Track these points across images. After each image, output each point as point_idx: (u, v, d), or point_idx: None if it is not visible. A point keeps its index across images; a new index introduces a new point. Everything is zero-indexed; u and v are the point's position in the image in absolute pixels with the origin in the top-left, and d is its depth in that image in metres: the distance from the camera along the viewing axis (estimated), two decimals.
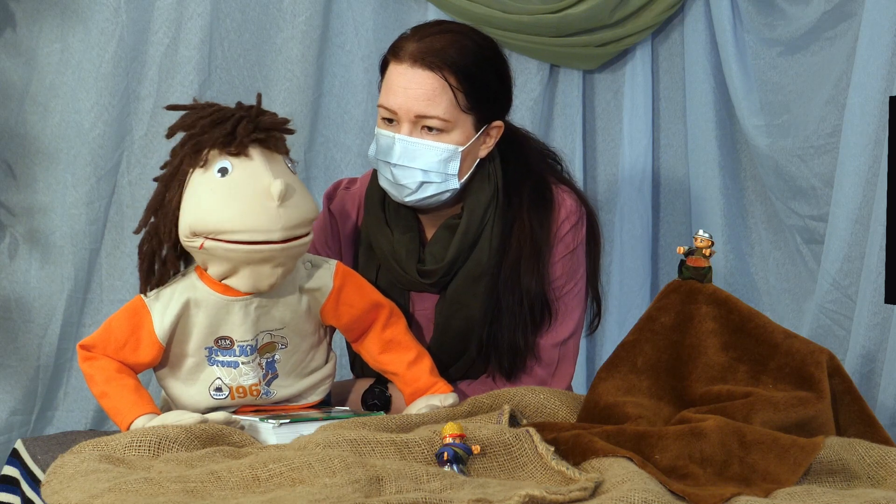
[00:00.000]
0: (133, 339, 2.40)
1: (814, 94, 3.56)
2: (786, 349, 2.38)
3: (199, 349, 2.42)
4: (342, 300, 2.50)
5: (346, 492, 1.96)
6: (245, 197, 2.32)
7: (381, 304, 2.55)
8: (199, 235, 2.34)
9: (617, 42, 3.79)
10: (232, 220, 2.31)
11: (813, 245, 3.61)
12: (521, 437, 2.21)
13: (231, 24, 3.57)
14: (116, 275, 3.56)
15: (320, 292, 2.48)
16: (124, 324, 2.41)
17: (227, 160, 2.34)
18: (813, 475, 2.19)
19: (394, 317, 2.57)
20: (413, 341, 2.58)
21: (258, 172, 2.34)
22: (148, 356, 2.41)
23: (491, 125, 2.66)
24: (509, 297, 2.66)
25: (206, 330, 2.41)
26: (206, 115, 2.38)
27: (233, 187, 2.32)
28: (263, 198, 2.31)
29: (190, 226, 2.34)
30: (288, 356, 2.48)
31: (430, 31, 2.64)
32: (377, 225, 2.70)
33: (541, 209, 2.68)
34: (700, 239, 2.46)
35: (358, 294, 2.52)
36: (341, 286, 2.50)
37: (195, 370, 2.44)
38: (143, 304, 2.41)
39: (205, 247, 2.34)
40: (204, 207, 2.33)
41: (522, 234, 2.66)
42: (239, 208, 2.31)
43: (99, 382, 2.40)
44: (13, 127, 3.47)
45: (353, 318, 2.52)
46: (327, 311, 2.50)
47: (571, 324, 2.72)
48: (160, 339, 2.39)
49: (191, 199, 2.35)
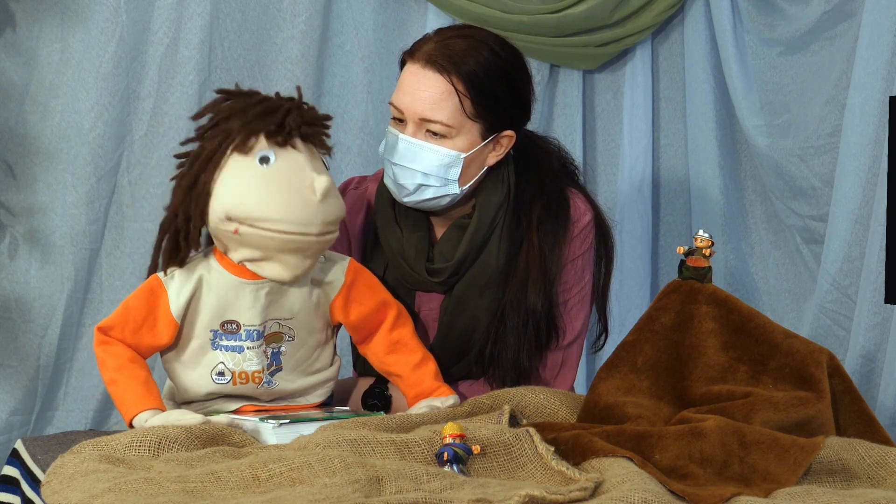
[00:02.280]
0: (150, 318, 2.41)
1: (814, 94, 3.56)
2: (786, 349, 2.38)
3: (204, 331, 2.43)
4: (352, 297, 2.51)
5: (346, 492, 1.96)
6: (289, 189, 2.34)
7: (389, 303, 2.56)
8: (234, 221, 2.35)
9: (617, 42, 3.79)
10: (274, 209, 2.33)
11: (813, 245, 3.61)
12: (521, 437, 2.21)
13: (231, 24, 3.57)
14: (116, 275, 3.56)
15: (331, 286, 2.49)
16: (142, 303, 2.42)
17: (271, 150, 2.36)
18: (813, 475, 2.19)
19: (402, 318, 2.57)
20: (419, 344, 2.58)
21: (301, 165, 2.37)
22: (165, 336, 2.42)
23: (501, 134, 2.64)
24: (514, 317, 2.65)
25: (215, 311, 2.42)
26: (257, 103, 2.40)
27: (276, 177, 2.35)
28: (307, 191, 2.35)
29: (226, 210, 2.35)
30: (294, 350, 2.48)
31: (450, 33, 2.63)
32: (387, 223, 2.70)
33: (552, 228, 2.67)
34: (700, 239, 2.46)
35: (368, 292, 2.53)
36: (352, 282, 2.50)
37: (198, 353, 2.44)
38: (160, 282, 2.42)
39: (239, 232, 2.36)
40: (245, 194, 2.34)
41: (530, 256, 2.65)
42: (282, 199, 2.34)
43: (110, 369, 2.41)
44: (13, 127, 3.47)
45: (361, 316, 2.53)
46: (336, 307, 2.50)
47: (575, 329, 2.72)
48: (175, 317, 2.41)
49: (228, 183, 2.36)
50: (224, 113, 2.41)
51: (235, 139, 2.36)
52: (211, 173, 2.37)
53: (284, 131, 2.36)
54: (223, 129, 2.38)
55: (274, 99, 2.41)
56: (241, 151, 2.36)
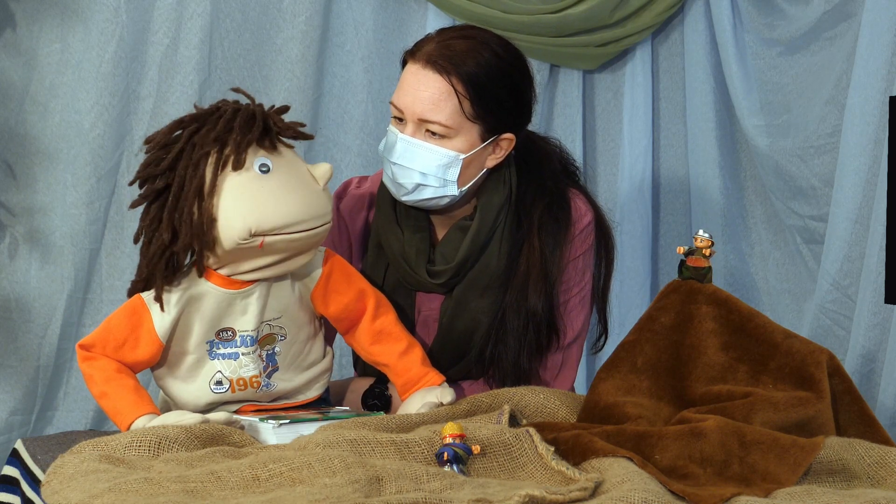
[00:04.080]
0: (132, 337, 2.40)
1: (814, 94, 3.56)
2: (786, 349, 2.38)
3: (200, 344, 2.42)
4: (331, 287, 2.51)
5: (346, 492, 1.96)
6: (297, 187, 2.37)
7: (367, 292, 2.55)
8: (259, 235, 2.34)
9: (617, 42, 3.79)
10: (294, 212, 2.35)
11: (813, 245, 3.61)
12: (521, 437, 2.21)
13: (231, 24, 3.57)
14: (116, 275, 3.56)
15: (310, 278, 2.50)
16: (123, 322, 2.41)
17: (265, 157, 2.36)
18: (813, 475, 2.19)
19: (382, 307, 2.57)
20: (403, 331, 2.58)
21: (294, 160, 2.41)
22: (147, 354, 2.41)
23: (501, 136, 2.64)
24: (515, 319, 2.65)
25: (209, 324, 2.41)
26: (229, 119, 2.37)
27: (283, 181, 2.36)
28: (312, 184, 2.39)
29: (249, 227, 2.33)
30: (287, 347, 2.48)
31: (451, 34, 2.63)
32: (388, 224, 2.70)
33: (553, 229, 2.67)
34: (700, 239, 2.46)
35: (346, 281, 2.53)
36: (330, 272, 2.51)
37: (195, 367, 2.44)
38: (143, 302, 2.40)
39: (265, 243, 2.36)
40: (262, 206, 2.34)
41: (531, 258, 2.65)
42: (297, 199, 2.36)
43: (98, 382, 2.40)
44: (13, 127, 3.47)
45: (341, 306, 2.52)
46: (317, 297, 2.51)
47: (575, 329, 2.72)
48: (161, 337, 2.40)
49: (239, 202, 2.34)
50: (186, 140, 2.37)
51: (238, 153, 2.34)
52: (210, 200, 2.34)
53: (271, 134, 2.38)
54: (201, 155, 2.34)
55: (244, 107, 2.39)
56: (235, 168, 2.34)
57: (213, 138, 2.35)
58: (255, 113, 2.38)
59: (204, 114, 2.41)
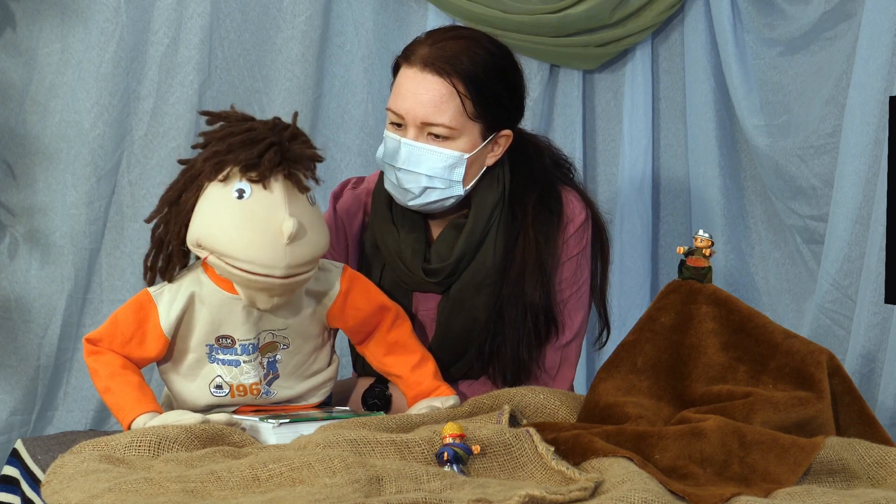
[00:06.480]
0: (139, 332, 2.40)
1: (814, 94, 3.56)
2: (786, 349, 2.38)
3: (200, 345, 2.42)
4: (349, 304, 2.50)
5: (346, 492, 1.96)
6: (257, 228, 2.31)
7: (387, 306, 2.55)
8: (205, 249, 2.34)
9: (617, 42, 3.79)
10: (239, 248, 2.31)
11: (813, 245, 3.61)
12: (521, 437, 2.21)
13: (231, 24, 3.57)
14: (116, 275, 3.56)
15: (327, 296, 2.48)
16: (130, 317, 2.41)
17: (248, 184, 2.33)
18: (813, 475, 2.19)
19: (399, 319, 2.57)
20: (417, 344, 2.58)
21: (275, 205, 2.32)
22: (154, 350, 2.41)
23: (499, 134, 2.65)
24: (513, 311, 2.65)
25: (209, 327, 2.41)
26: (238, 133, 2.35)
27: (247, 214, 2.31)
28: (275, 233, 2.31)
29: (198, 238, 2.35)
30: (290, 357, 2.48)
31: (443, 36, 2.63)
32: (383, 224, 2.70)
33: (546, 220, 2.67)
34: (700, 239, 2.46)
35: (364, 298, 2.52)
36: (348, 290, 2.49)
37: (196, 366, 2.44)
38: (150, 297, 2.41)
39: (209, 261, 2.36)
40: (215, 226, 2.33)
41: (527, 249, 2.66)
42: (248, 238, 2.31)
43: (103, 377, 2.40)
44: (13, 127, 3.47)
45: (358, 322, 2.52)
46: (333, 315, 2.50)
47: (574, 327, 2.72)
48: (166, 332, 2.40)
49: (204, 211, 2.35)
50: (209, 139, 2.38)
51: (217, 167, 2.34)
52: (194, 193, 2.36)
53: (260, 168, 2.32)
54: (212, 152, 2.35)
55: (258, 129, 2.36)
56: (221, 180, 2.34)
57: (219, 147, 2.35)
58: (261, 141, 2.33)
59: (234, 120, 2.39)
